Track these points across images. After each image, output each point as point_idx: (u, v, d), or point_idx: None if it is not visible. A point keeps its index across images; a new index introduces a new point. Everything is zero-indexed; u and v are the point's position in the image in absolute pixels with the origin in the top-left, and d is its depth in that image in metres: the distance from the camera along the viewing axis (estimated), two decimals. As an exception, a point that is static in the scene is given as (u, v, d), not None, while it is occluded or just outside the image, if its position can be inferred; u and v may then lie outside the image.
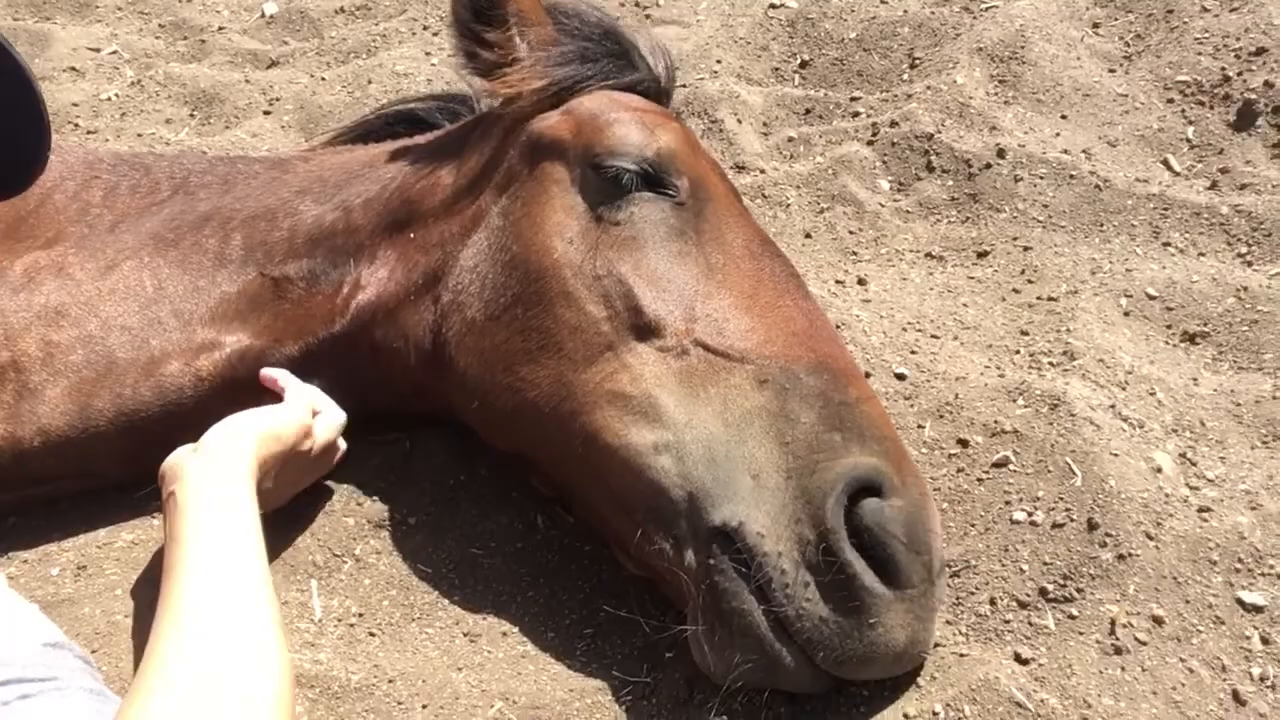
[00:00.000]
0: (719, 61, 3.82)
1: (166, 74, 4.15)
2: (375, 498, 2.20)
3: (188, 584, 1.51)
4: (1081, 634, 1.71)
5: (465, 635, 1.92)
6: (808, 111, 3.53)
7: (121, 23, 4.75)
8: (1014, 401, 2.15)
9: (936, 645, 1.71)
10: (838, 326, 2.38)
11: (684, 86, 3.52)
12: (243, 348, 2.13)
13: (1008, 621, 1.76)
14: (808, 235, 2.96)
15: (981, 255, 2.83)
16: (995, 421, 2.11)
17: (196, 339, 2.13)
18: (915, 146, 3.19)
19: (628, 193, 1.97)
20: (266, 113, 3.86)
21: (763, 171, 3.23)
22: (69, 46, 4.46)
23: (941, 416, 2.16)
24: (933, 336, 2.47)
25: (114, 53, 4.48)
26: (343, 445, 2.17)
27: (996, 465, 2.02)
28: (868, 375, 2.27)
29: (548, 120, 2.14)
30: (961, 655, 1.70)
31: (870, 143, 3.25)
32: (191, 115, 3.96)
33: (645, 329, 1.84)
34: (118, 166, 2.45)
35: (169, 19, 4.73)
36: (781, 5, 4.09)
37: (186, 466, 1.75)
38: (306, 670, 1.79)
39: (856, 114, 3.44)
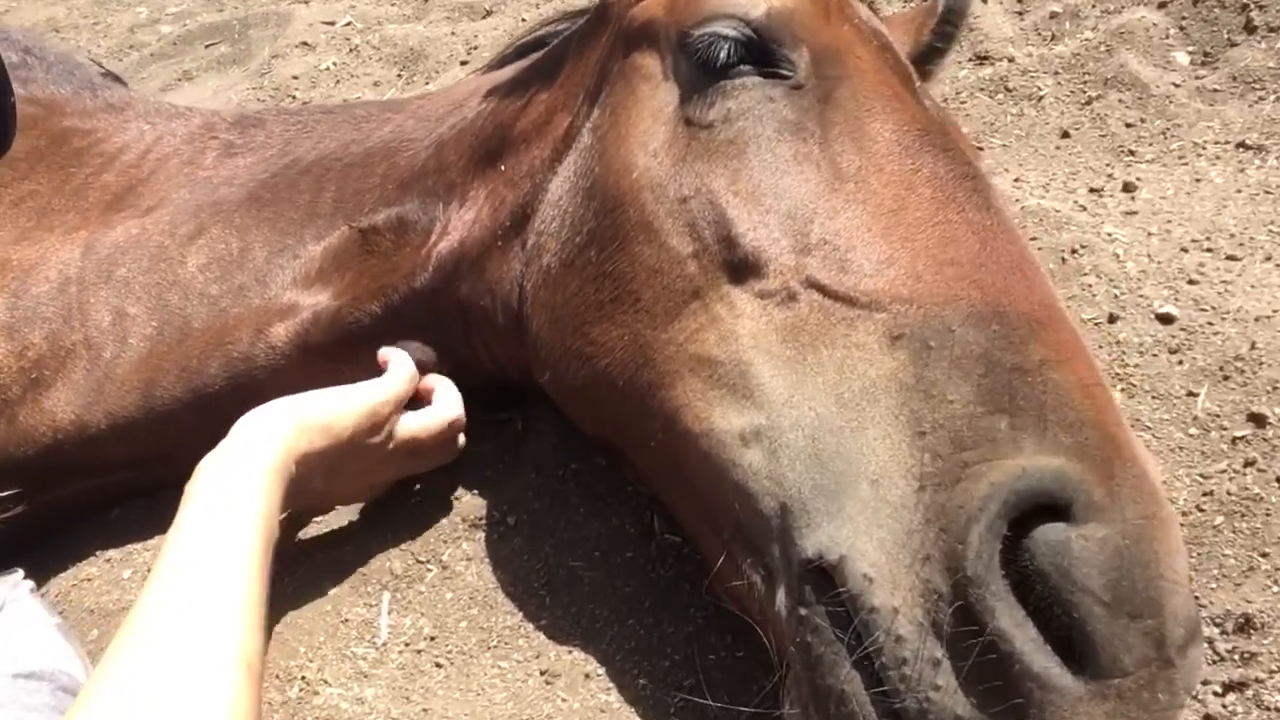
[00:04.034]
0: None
1: (381, 36, 4.08)
2: (475, 490, 1.83)
3: (151, 586, 1.30)
4: None
5: (542, 674, 1.51)
6: (1080, -22, 2.71)
7: (361, -6, 4.74)
8: (1358, 352, 1.38)
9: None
10: (1075, 251, 1.67)
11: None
12: (319, 309, 1.83)
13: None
14: (1065, 134, 2.22)
15: (1325, 140, 1.97)
16: (1322, 384, 1.35)
17: (274, 304, 1.86)
18: (1229, 3, 2.32)
19: (725, 77, 1.42)
20: (464, 63, 3.65)
21: (1011, 60, 2.50)
22: (306, 23, 4.51)
23: (1227, 378, 1.42)
24: (1228, 258, 1.68)
25: (348, 24, 4.47)
26: (460, 440, 1.82)
27: (1319, 455, 1.28)
28: (1111, 320, 1.56)
29: (644, 1, 1.62)
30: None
31: (1162, 6, 2.41)
32: (399, 75, 3.83)
33: (741, 266, 1.30)
34: (235, 125, 2.26)
35: (402, -16, 4.64)
36: None
37: (205, 459, 1.47)
38: (343, 710, 1.46)
39: (1146, -29, 2.59)
